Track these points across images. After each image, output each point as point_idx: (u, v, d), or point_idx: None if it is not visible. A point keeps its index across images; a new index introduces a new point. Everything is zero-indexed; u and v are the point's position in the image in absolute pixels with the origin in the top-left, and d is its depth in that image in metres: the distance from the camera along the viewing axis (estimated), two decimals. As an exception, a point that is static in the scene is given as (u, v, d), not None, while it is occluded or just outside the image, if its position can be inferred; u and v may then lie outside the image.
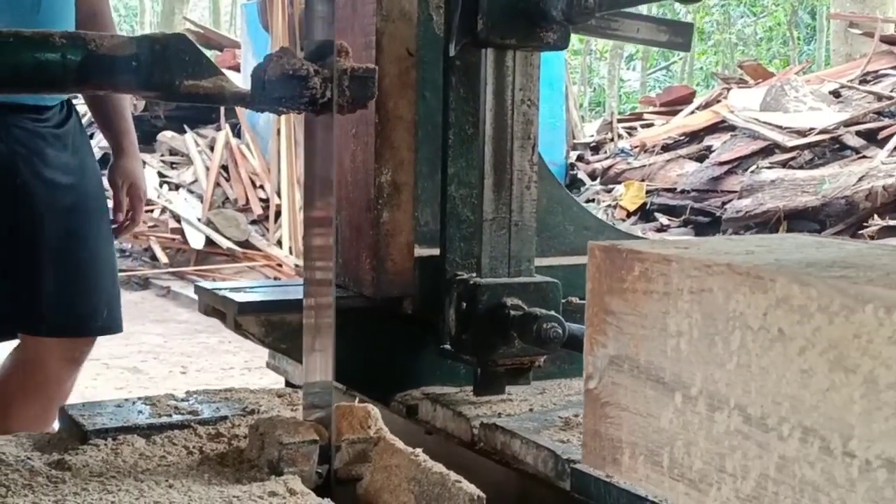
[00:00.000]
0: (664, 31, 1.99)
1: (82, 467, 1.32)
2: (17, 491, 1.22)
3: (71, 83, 1.50)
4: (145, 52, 1.47)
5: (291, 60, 1.32)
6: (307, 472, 1.35)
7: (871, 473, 0.70)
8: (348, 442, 1.38)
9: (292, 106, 1.35)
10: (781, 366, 0.78)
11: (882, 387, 0.69)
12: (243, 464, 1.39)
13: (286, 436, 1.34)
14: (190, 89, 1.48)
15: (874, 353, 0.70)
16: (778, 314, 0.78)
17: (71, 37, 1.48)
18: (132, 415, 1.49)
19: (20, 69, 1.43)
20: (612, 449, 0.96)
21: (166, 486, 1.28)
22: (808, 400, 0.76)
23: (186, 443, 1.43)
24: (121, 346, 5.80)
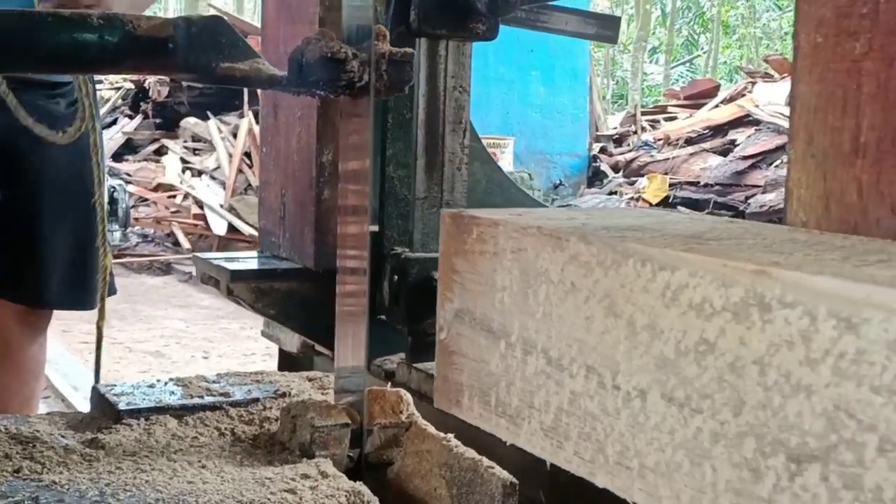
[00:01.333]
0: (592, 23, 2.08)
1: (116, 446, 1.32)
2: (53, 468, 1.23)
3: (108, 64, 1.50)
4: (182, 34, 1.47)
5: (330, 43, 1.31)
6: (339, 455, 1.35)
7: (631, 402, 0.82)
8: (380, 426, 1.38)
9: (329, 89, 1.35)
10: (572, 314, 0.89)
11: (638, 328, 0.81)
12: (275, 446, 1.39)
13: (318, 419, 1.35)
14: (226, 71, 1.48)
15: (634, 300, 0.82)
16: (570, 269, 0.90)
17: (108, 18, 1.48)
18: (164, 395, 1.49)
19: (58, 49, 1.43)
20: (456, 392, 1.08)
21: (199, 467, 1.28)
22: (590, 342, 0.87)
23: (218, 424, 1.43)
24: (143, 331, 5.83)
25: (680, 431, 0.77)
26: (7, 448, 1.26)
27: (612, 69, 26.51)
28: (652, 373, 0.79)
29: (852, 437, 0.64)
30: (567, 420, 0.90)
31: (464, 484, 1.28)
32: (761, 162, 8.85)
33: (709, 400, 0.75)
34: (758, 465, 0.70)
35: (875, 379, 0.62)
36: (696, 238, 0.87)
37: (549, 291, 0.92)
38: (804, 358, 0.67)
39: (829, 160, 0.99)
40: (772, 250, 0.81)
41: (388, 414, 1.40)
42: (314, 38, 1.34)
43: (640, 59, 24.10)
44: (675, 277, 0.78)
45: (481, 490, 1.25)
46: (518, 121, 10.69)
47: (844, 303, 0.64)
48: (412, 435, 1.39)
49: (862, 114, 0.95)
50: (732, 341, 0.73)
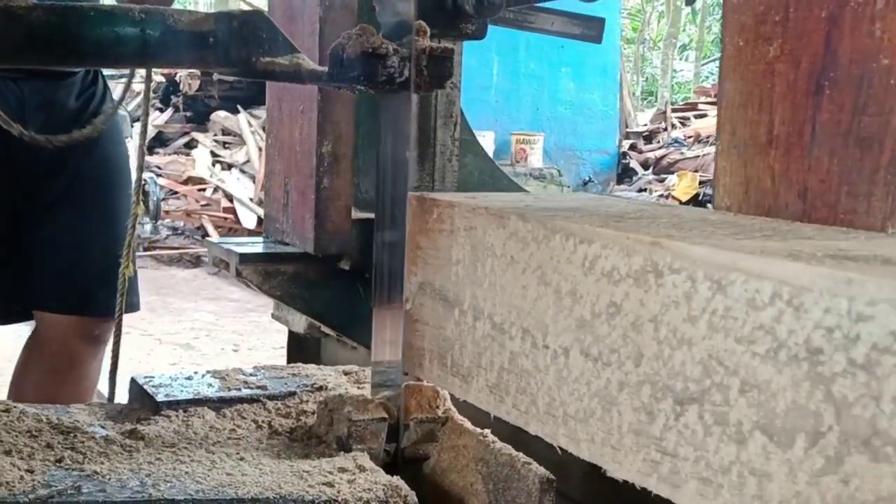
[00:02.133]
0: (577, 24, 2.18)
1: (155, 437, 1.34)
2: (94, 458, 1.24)
3: (149, 58, 1.51)
4: (223, 29, 1.48)
5: (371, 38, 1.32)
6: (375, 449, 1.35)
7: (557, 359, 0.93)
8: (416, 421, 1.39)
9: (369, 84, 1.35)
10: (512, 283, 1.00)
11: (563, 294, 0.92)
12: (311, 439, 1.40)
13: (355, 413, 1.35)
14: (266, 66, 1.49)
15: (560, 269, 0.93)
16: (510, 244, 1.01)
17: (150, 12, 1.49)
18: (202, 387, 1.50)
19: (101, 43, 1.44)
20: (419, 356, 1.19)
21: (237, 459, 1.29)
22: (525, 308, 0.98)
23: (256, 417, 1.44)
24: (173, 323, 5.87)
25: (594, 383, 0.88)
26: (49, 438, 1.27)
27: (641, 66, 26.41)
28: (573, 332, 0.91)
29: (721, 381, 0.75)
30: (507, 377, 1.01)
31: (500, 479, 1.28)
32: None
33: (616, 354, 0.86)
34: (652, 408, 0.81)
35: (738, 331, 0.73)
36: (618, 217, 0.98)
37: (494, 264, 1.03)
38: (686, 315, 0.78)
39: (749, 151, 1.11)
40: (675, 227, 0.92)
41: (424, 409, 1.40)
42: (355, 33, 1.34)
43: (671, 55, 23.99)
44: (591, 249, 0.89)
45: (518, 485, 1.25)
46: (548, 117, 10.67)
47: (716, 268, 0.75)
48: (448, 430, 1.39)
49: (775, 110, 1.07)
50: (634, 303, 0.84)
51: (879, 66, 0.96)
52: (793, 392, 0.69)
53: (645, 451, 0.83)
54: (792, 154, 1.05)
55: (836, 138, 1.00)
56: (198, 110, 11.48)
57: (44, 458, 1.22)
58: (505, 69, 10.40)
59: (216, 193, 9.49)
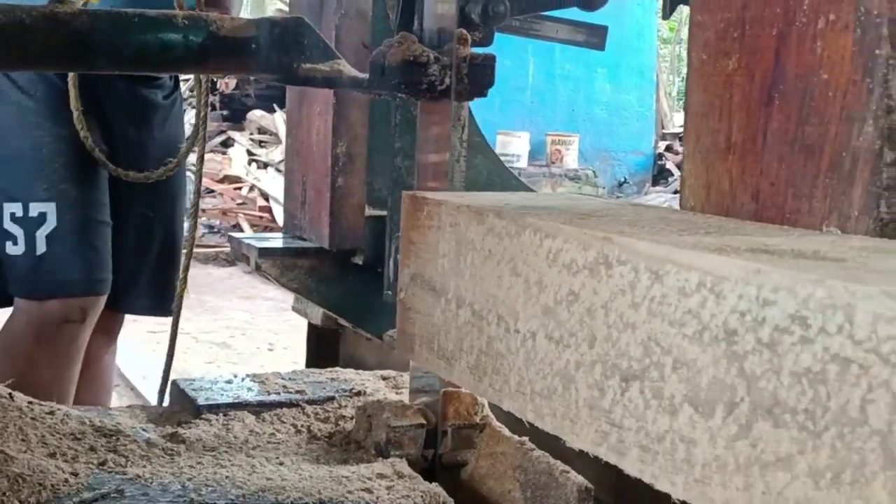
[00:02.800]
0: (581, 32, 2.28)
1: (196, 441, 1.35)
2: (136, 461, 1.26)
3: (192, 64, 1.53)
4: (265, 35, 1.49)
5: (412, 47, 1.33)
6: (413, 455, 1.36)
7: (525, 342, 1.03)
8: (454, 427, 1.39)
9: (410, 92, 1.36)
10: (489, 274, 1.09)
11: (531, 284, 1.02)
12: (350, 444, 1.40)
13: (394, 419, 1.36)
14: (308, 72, 1.50)
15: (528, 262, 1.03)
16: (488, 238, 1.10)
17: (193, 18, 1.50)
18: (242, 391, 1.51)
19: (145, 49, 1.46)
20: (410, 341, 1.26)
21: (277, 464, 1.30)
22: (500, 296, 1.07)
23: (295, 421, 1.45)
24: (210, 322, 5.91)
25: (556, 363, 0.98)
26: (92, 440, 1.29)
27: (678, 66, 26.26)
28: (539, 318, 1.01)
29: (657, 360, 0.85)
30: (485, 359, 1.10)
31: (538, 487, 1.29)
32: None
33: (574, 337, 0.96)
34: (603, 385, 0.91)
35: (671, 316, 0.83)
36: (584, 215, 1.08)
37: (474, 257, 1.13)
38: (631, 302, 0.88)
39: (710, 156, 1.20)
40: (631, 224, 1.01)
41: (462, 415, 1.40)
42: (396, 41, 1.35)
43: (707, 56, 23.80)
44: (554, 244, 0.99)
45: (556, 493, 1.26)
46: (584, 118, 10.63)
47: (655, 260, 0.85)
48: (486, 437, 1.40)
49: (732, 119, 1.16)
50: (589, 291, 0.94)
51: (820, 80, 1.04)
52: (713, 368, 0.79)
53: (597, 423, 0.93)
54: (747, 159, 1.14)
55: (783, 146, 1.09)
56: (234, 109, 11.54)
57: (87, 461, 1.23)
58: (541, 70, 10.37)
59: (252, 192, 9.54)
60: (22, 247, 2.06)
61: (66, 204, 2.11)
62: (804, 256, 0.82)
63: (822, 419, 0.70)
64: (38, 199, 2.08)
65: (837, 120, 1.03)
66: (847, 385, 0.68)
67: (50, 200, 2.08)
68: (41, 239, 2.07)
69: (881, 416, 0.66)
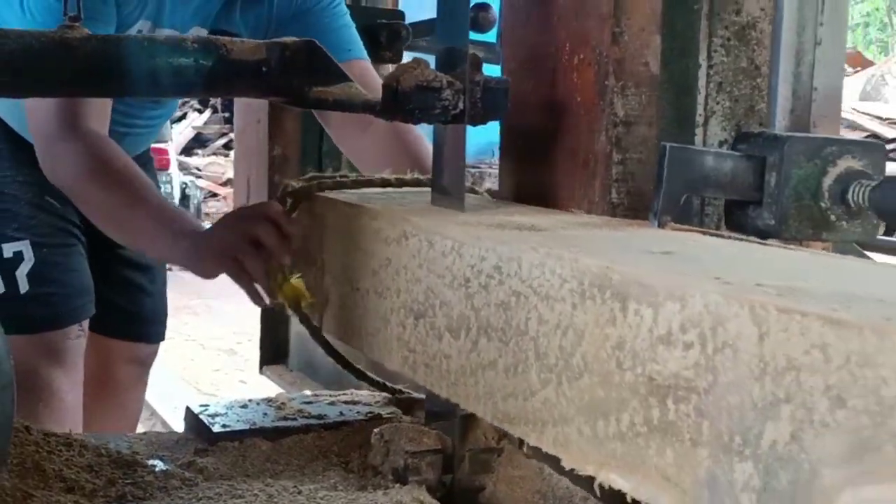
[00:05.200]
0: (481, 49, 2.33)
1: (213, 470, 1.34)
2: (154, 493, 1.25)
3: (202, 87, 1.52)
4: (275, 58, 1.48)
5: (425, 72, 1.31)
6: (431, 481, 1.35)
7: (363, 298, 1.33)
8: (472, 452, 1.38)
9: (423, 117, 1.35)
10: (345, 249, 1.38)
11: (365, 254, 1.30)
12: (367, 470, 1.40)
13: (411, 444, 1.35)
14: (319, 95, 1.49)
15: (362, 237, 1.31)
16: (341, 222, 1.40)
17: (203, 42, 1.50)
18: (257, 416, 1.51)
19: (156, 73, 1.45)
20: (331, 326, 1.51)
21: (294, 492, 1.29)
22: (348, 264, 1.36)
23: (311, 447, 1.44)
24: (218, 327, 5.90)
25: (379, 310, 1.29)
26: (109, 473, 1.28)
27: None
28: (370, 279, 1.31)
29: (432, 302, 1.14)
30: (344, 313, 1.39)
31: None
32: (834, 158, 8.70)
33: (388, 290, 1.26)
34: (404, 323, 1.21)
35: (438, 271, 1.12)
36: (402, 204, 1.38)
37: (338, 237, 1.41)
38: (418, 263, 1.18)
39: (515, 157, 1.50)
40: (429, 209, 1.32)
41: (480, 439, 1.40)
42: (409, 65, 1.34)
43: (708, 50, 23.80)
44: (376, 223, 1.29)
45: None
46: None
47: (430, 232, 1.15)
48: (504, 460, 1.39)
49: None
50: (396, 257, 1.23)
51: (576, 101, 1.35)
52: (459, 305, 1.08)
53: (401, 351, 1.22)
54: (537, 160, 1.43)
55: (557, 150, 1.39)
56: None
57: (105, 495, 1.23)
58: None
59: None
60: (1, 287, 2.00)
61: (40, 238, 2.05)
62: (523, 228, 1.12)
63: (509, 333, 0.99)
64: (9, 240, 2.01)
65: (587, 131, 1.32)
66: (519, 309, 0.97)
67: (23, 239, 2.02)
68: (22, 278, 2.03)
69: (533, 327, 0.95)
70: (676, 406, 0.76)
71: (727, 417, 0.70)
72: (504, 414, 1.00)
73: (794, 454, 0.65)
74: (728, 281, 0.76)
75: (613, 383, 0.83)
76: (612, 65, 1.28)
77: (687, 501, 0.75)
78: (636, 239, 1.10)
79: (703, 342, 0.73)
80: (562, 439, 0.90)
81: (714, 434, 0.72)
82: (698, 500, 0.73)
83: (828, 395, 0.62)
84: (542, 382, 0.93)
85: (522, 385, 0.96)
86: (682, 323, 0.76)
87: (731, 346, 0.71)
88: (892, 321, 0.60)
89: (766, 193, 1.27)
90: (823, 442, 0.62)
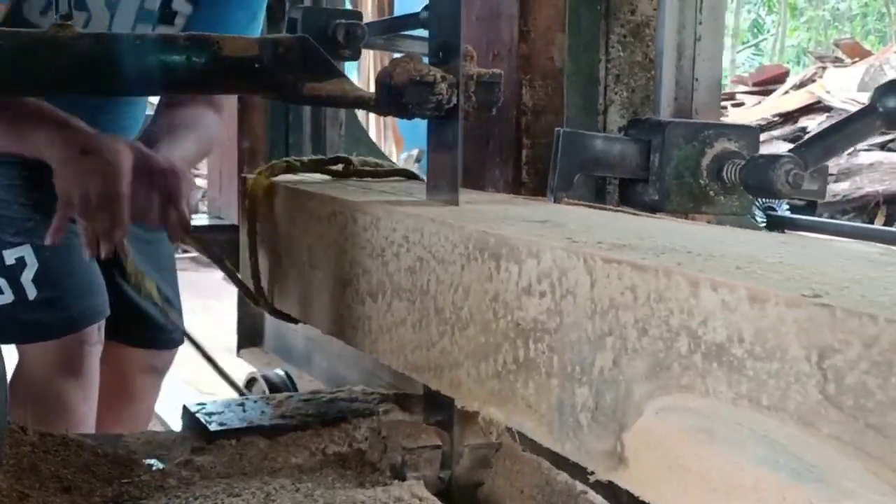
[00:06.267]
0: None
1: (210, 469, 1.34)
2: (151, 493, 1.24)
3: (195, 85, 1.51)
4: (268, 55, 1.47)
5: (418, 66, 1.31)
6: (430, 476, 1.35)
7: (304, 270, 1.42)
8: (471, 447, 1.38)
9: (417, 112, 1.34)
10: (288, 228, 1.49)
11: (305, 232, 1.40)
12: (365, 467, 1.39)
13: (409, 440, 1.35)
14: (312, 91, 1.48)
15: (302, 218, 1.42)
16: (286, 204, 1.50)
17: (195, 39, 1.49)
18: (254, 415, 1.50)
19: (148, 71, 1.44)
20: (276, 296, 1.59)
21: (292, 490, 1.29)
22: (291, 242, 1.46)
23: (308, 444, 1.44)
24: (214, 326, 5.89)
25: (314, 281, 1.39)
26: (106, 472, 1.28)
27: (676, 54, 26.15)
28: (307, 252, 1.40)
29: (356, 271, 1.24)
30: (292, 285, 1.46)
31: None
32: (833, 150, 8.68)
33: (322, 262, 1.36)
34: (334, 291, 1.32)
35: (360, 243, 1.23)
36: (336, 187, 1.46)
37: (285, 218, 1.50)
38: (345, 238, 1.28)
39: None
40: (364, 192, 1.40)
41: (478, 434, 1.39)
42: (402, 60, 1.33)
43: (706, 43, 23.74)
44: (312, 204, 1.39)
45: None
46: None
47: (354, 210, 1.27)
48: (503, 456, 1.39)
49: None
50: (328, 234, 1.33)
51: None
52: (377, 273, 1.19)
53: (332, 316, 1.33)
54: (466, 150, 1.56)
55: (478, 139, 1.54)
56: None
57: (102, 495, 1.22)
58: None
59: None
60: (9, 296, 1.96)
61: (40, 240, 2.00)
62: (423, 205, 1.23)
63: (415, 294, 1.10)
64: (9, 246, 1.97)
65: (500, 120, 1.44)
66: (422, 273, 1.08)
67: (23, 243, 1.97)
68: (28, 283, 1.98)
69: (433, 287, 1.06)
70: (535, 345, 0.88)
71: (570, 351, 0.83)
72: (412, 364, 1.12)
73: (615, 377, 0.78)
74: (574, 240, 0.88)
75: (491, 330, 0.95)
76: (520, 60, 1.44)
77: (543, 424, 0.88)
78: (526, 211, 1.21)
79: (552, 290, 0.86)
80: (455, 382, 1.02)
81: (561, 366, 0.85)
82: (551, 423, 0.86)
83: (636, 327, 0.75)
84: (439, 334, 1.04)
85: (425, 338, 1.07)
86: (538, 275, 0.88)
87: (571, 292, 0.83)
88: (681, 265, 0.73)
89: (651, 172, 1.41)
90: (634, 365, 0.76)
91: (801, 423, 0.60)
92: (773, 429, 0.61)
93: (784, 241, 0.95)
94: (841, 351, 0.57)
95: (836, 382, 0.58)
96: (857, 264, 0.77)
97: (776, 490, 0.61)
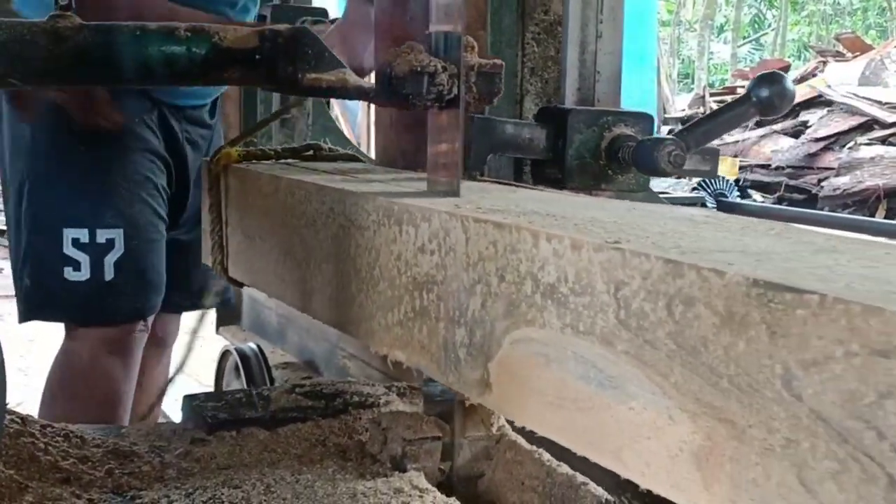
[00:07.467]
0: None
1: (209, 460, 1.34)
2: (151, 484, 1.24)
3: (195, 76, 1.51)
4: (268, 46, 1.47)
5: (419, 56, 1.30)
6: (430, 468, 1.35)
7: (254, 245, 1.49)
8: (471, 439, 1.38)
9: (418, 102, 1.33)
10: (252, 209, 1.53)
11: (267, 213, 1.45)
12: (365, 458, 1.39)
13: (409, 432, 1.35)
14: (313, 83, 1.47)
15: (258, 197, 1.48)
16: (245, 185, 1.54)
17: (196, 30, 1.48)
18: (254, 406, 1.50)
19: (148, 63, 1.44)
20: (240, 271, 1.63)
21: (292, 481, 1.29)
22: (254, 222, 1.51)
23: (308, 436, 1.44)
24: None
25: (266, 254, 1.45)
26: (107, 463, 1.28)
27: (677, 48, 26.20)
28: (268, 230, 1.45)
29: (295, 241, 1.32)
30: (253, 261, 1.51)
31: (557, 499, 1.28)
32: (834, 144, 8.69)
33: (270, 236, 1.43)
34: (280, 260, 1.38)
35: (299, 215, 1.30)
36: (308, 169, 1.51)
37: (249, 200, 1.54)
38: (288, 211, 1.34)
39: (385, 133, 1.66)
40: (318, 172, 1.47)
41: (478, 426, 1.39)
42: (403, 50, 1.33)
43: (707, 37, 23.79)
44: (263, 181, 1.47)
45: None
46: (585, 104, 10.61)
47: (294, 185, 1.35)
48: (503, 447, 1.39)
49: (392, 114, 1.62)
50: (273, 210, 1.40)
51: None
52: (310, 241, 1.28)
53: (277, 281, 1.39)
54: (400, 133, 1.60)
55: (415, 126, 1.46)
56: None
57: (102, 486, 1.22)
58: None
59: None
60: (87, 273, 2.02)
61: (133, 228, 2.07)
62: (362, 182, 1.30)
63: (339, 257, 1.19)
64: (105, 226, 2.03)
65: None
66: (345, 239, 1.17)
67: (117, 227, 2.04)
68: (109, 265, 2.03)
69: (353, 251, 1.15)
70: (427, 296, 1.00)
71: (452, 299, 0.95)
72: (337, 319, 1.23)
73: (483, 317, 0.90)
74: (459, 206, 1.00)
75: (396, 285, 1.06)
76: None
77: (434, 361, 0.99)
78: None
79: (440, 248, 0.98)
80: (370, 331, 1.13)
81: (445, 311, 0.96)
82: (439, 360, 0.98)
83: (497, 275, 0.87)
84: (357, 291, 1.15)
85: (347, 296, 1.18)
86: (429, 236, 0.99)
87: (453, 249, 0.95)
88: (532, 223, 0.85)
89: (556, 154, 1.57)
90: (495, 306, 0.87)
91: (604, 343, 0.73)
92: (586, 349, 0.75)
93: (636, 207, 1.07)
94: (628, 283, 0.71)
95: (625, 308, 0.71)
96: (679, 224, 0.90)
97: (587, 399, 0.75)
